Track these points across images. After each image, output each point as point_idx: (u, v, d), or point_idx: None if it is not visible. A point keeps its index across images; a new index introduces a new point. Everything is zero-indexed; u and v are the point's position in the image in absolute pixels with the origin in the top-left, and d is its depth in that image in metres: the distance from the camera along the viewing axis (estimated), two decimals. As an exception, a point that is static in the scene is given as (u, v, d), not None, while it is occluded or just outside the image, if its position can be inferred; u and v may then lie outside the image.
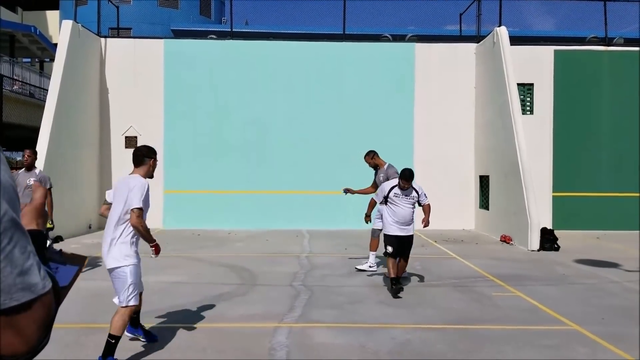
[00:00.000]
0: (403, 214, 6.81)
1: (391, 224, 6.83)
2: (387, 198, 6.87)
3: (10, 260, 0.77)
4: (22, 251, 0.79)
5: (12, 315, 0.78)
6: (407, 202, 6.83)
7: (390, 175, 7.86)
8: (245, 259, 9.30)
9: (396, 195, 6.81)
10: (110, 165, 14.05)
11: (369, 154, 8.10)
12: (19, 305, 0.78)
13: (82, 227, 12.79)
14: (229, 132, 14.19)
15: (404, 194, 6.82)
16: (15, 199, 0.82)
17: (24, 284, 0.78)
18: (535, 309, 6.11)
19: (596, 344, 4.84)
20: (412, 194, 6.87)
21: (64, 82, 11.97)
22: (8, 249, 0.77)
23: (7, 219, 0.78)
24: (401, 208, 6.80)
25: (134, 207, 4.37)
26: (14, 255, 0.77)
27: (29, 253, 0.80)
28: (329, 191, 14.07)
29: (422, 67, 14.36)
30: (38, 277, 0.81)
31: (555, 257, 9.74)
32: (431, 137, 14.28)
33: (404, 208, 6.81)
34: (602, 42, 14.59)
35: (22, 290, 0.78)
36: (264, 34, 21.95)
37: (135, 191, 4.41)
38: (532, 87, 14.00)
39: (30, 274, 0.80)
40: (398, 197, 6.81)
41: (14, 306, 0.77)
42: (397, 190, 6.83)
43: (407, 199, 6.83)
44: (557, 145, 13.88)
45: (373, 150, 8.15)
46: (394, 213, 6.83)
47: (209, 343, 4.77)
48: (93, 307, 5.97)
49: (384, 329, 5.24)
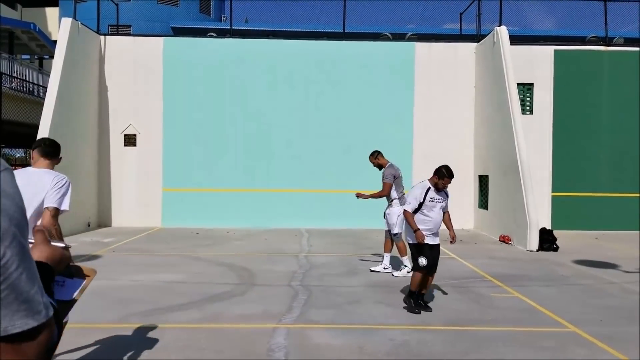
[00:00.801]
0: (437, 221, 5.97)
1: (422, 229, 5.96)
2: (422, 204, 5.94)
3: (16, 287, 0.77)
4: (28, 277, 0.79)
5: (15, 341, 0.78)
6: (440, 208, 6.01)
7: (384, 176, 7.94)
8: (244, 257, 9.29)
9: (432, 200, 5.95)
10: (109, 163, 14.03)
11: (373, 154, 8.20)
12: (22, 332, 0.79)
13: (80, 226, 12.78)
14: (228, 130, 14.17)
15: (439, 198, 5.99)
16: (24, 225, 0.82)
17: (27, 310, 0.79)
18: (533, 309, 6.11)
19: (594, 346, 4.84)
20: (445, 198, 6.08)
21: (63, 79, 11.95)
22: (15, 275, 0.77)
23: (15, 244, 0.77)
24: (436, 214, 5.95)
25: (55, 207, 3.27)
26: (21, 282, 0.77)
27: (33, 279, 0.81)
28: (329, 189, 14.07)
29: (422, 67, 14.35)
30: (42, 304, 0.81)
31: (554, 258, 9.74)
32: (430, 136, 14.27)
33: (438, 214, 5.98)
34: (602, 41, 14.58)
35: (25, 317, 0.78)
36: (263, 32, 21.95)
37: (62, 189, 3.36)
38: (532, 87, 14.00)
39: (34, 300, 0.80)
40: (433, 202, 5.95)
41: (16, 333, 0.78)
42: (433, 193, 5.98)
43: (441, 203, 6.01)
44: (556, 145, 13.88)
45: (377, 151, 8.23)
46: (427, 220, 5.93)
47: (207, 343, 4.77)
48: (92, 307, 5.96)
49: (382, 330, 5.24)
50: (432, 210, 5.94)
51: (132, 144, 14.07)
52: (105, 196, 13.99)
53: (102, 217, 13.97)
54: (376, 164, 8.16)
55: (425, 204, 5.93)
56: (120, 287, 6.95)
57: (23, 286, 0.78)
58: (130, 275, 7.72)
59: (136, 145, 14.04)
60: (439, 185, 5.94)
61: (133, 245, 10.65)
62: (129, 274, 7.76)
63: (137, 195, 13.96)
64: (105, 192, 14.00)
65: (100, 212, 13.94)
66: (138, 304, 6.06)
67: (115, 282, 7.23)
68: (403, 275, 7.78)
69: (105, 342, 4.73)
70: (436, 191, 5.98)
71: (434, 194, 5.97)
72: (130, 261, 8.88)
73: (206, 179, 14.09)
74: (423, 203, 5.93)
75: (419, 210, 5.95)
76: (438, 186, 5.94)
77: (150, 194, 13.93)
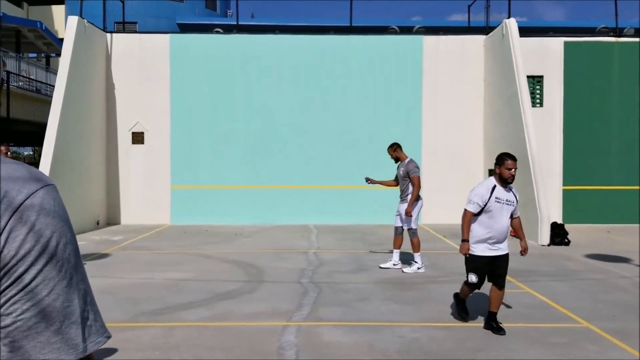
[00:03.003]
0: (503, 229, 4.98)
1: (481, 240, 5.00)
2: (485, 206, 4.96)
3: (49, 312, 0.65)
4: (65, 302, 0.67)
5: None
6: (508, 210, 4.99)
7: (411, 170, 7.74)
8: (253, 255, 9.29)
9: (498, 201, 4.94)
10: (117, 161, 14.07)
11: (392, 146, 8.05)
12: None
13: (90, 224, 12.84)
14: (236, 126, 14.16)
15: (507, 199, 4.98)
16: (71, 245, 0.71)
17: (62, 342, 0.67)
18: (545, 305, 6.06)
19: (606, 341, 4.78)
20: (512, 198, 5.04)
21: (70, 78, 11.97)
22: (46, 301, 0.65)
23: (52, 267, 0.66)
24: (502, 219, 4.97)
25: None
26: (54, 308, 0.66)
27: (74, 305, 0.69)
28: (336, 185, 14.03)
29: (431, 60, 14.24)
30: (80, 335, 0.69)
31: (566, 252, 9.66)
32: (439, 130, 14.18)
33: (505, 219, 4.99)
34: (612, 32, 14.38)
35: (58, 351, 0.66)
36: (270, 27, 21.88)
37: None
38: (542, 79, 13.84)
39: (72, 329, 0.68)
40: (500, 203, 4.95)
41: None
42: (501, 192, 4.96)
43: (510, 206, 5.00)
44: (567, 138, 13.74)
45: (396, 143, 8.08)
46: (489, 225, 4.96)
47: (217, 341, 4.77)
48: (102, 306, 5.97)
49: (392, 327, 5.21)
50: (498, 214, 4.94)
51: (140, 141, 14.09)
52: (113, 194, 14.04)
53: (111, 215, 14.03)
54: (394, 157, 8.00)
55: (489, 206, 4.94)
56: (129, 285, 6.97)
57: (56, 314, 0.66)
58: (140, 273, 7.74)
59: (144, 143, 14.06)
60: (504, 174, 4.91)
61: (142, 243, 10.69)
62: (139, 272, 7.78)
63: (145, 193, 14.00)
64: (114, 189, 14.05)
65: (108, 210, 14.00)
66: (148, 303, 6.07)
67: (125, 280, 7.25)
68: (413, 271, 7.73)
69: (116, 341, 4.73)
70: (504, 190, 4.98)
71: (502, 193, 4.96)
72: (139, 259, 8.91)
73: (214, 175, 14.09)
74: (487, 204, 4.94)
75: (482, 212, 4.97)
76: (504, 176, 4.91)
77: (159, 192, 13.95)
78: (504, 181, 4.95)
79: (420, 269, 7.78)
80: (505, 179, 4.93)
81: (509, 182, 4.96)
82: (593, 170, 13.75)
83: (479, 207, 4.95)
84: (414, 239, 7.78)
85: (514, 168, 4.90)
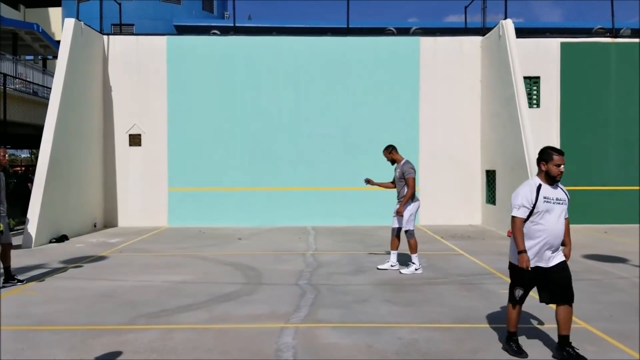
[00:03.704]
0: (557, 232, 4.26)
1: (530, 247, 4.26)
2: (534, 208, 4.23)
3: None
4: None
5: None
6: (560, 210, 4.28)
7: (405, 172, 7.76)
8: (251, 257, 9.28)
9: (547, 200, 4.24)
10: (115, 163, 14.05)
11: (387, 149, 8.07)
12: None
13: (87, 226, 12.81)
14: (233, 128, 14.15)
15: (557, 198, 4.28)
16: None
17: None
18: (542, 306, 6.03)
19: (605, 342, 4.78)
20: (563, 196, 4.36)
21: (67, 80, 11.96)
22: None
23: None
24: (555, 220, 4.25)
25: None
26: None
27: None
28: (334, 187, 14.03)
29: (428, 61, 14.26)
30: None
31: (563, 252, 9.66)
32: (437, 132, 14.20)
33: (558, 220, 4.27)
34: (609, 33, 14.43)
35: None
36: (267, 29, 21.89)
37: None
38: (539, 80, 13.89)
39: None
40: (550, 203, 4.24)
41: None
42: (548, 190, 4.28)
43: (561, 205, 4.30)
44: (564, 139, 13.77)
45: (391, 145, 8.11)
46: (542, 231, 4.23)
47: (215, 344, 4.75)
48: (100, 308, 5.96)
49: (390, 329, 5.21)
50: (549, 215, 4.23)
51: (137, 143, 14.07)
52: (110, 196, 14.01)
53: (108, 217, 13.99)
54: (390, 159, 8.03)
55: (537, 208, 4.23)
56: (127, 288, 6.95)
57: None
58: (138, 276, 7.72)
59: (141, 145, 14.04)
60: (552, 172, 4.25)
61: (139, 246, 10.66)
62: (136, 275, 7.76)
63: (142, 195, 13.97)
64: (111, 192, 14.02)
65: (106, 212, 13.97)
66: (146, 305, 6.05)
67: (122, 283, 7.23)
68: (410, 272, 7.74)
69: (114, 344, 4.71)
70: (551, 188, 4.31)
71: (550, 191, 4.28)
72: (137, 262, 8.88)
73: (212, 177, 14.08)
74: (535, 206, 4.23)
75: (530, 216, 4.25)
76: (552, 174, 4.25)
77: (156, 194, 13.93)
78: (552, 179, 4.29)
79: (417, 270, 7.78)
80: (554, 177, 4.28)
81: (557, 180, 4.32)
82: (590, 171, 13.78)
83: (527, 211, 4.24)
84: (411, 240, 7.78)
85: (563, 164, 4.29)
